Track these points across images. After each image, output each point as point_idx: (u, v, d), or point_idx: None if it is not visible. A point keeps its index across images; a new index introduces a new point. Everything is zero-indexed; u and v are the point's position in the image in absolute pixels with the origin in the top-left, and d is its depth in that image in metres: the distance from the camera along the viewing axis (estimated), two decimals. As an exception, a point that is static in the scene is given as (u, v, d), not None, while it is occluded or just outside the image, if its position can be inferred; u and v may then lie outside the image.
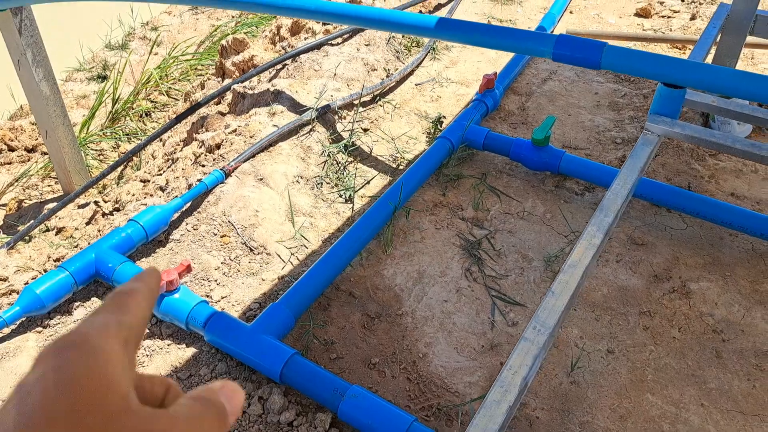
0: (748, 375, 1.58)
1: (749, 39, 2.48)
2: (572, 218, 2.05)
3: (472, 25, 1.98)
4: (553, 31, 3.07)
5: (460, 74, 2.78)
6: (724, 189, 2.13)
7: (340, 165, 2.16)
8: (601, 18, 3.25)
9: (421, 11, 3.15)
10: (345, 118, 2.36)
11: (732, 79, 1.62)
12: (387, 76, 2.64)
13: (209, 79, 3.07)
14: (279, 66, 2.62)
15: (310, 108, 2.26)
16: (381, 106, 2.53)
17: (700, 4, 3.27)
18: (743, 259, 1.87)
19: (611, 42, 3.03)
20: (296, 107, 2.31)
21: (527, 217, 2.06)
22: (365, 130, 2.37)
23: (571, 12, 3.30)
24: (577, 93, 2.66)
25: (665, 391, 1.55)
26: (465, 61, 2.87)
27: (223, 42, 2.95)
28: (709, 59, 2.60)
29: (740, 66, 2.79)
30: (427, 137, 2.41)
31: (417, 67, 2.78)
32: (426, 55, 2.83)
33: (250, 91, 2.44)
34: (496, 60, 2.90)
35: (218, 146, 2.17)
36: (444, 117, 2.47)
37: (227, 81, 2.84)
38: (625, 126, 2.44)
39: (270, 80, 2.51)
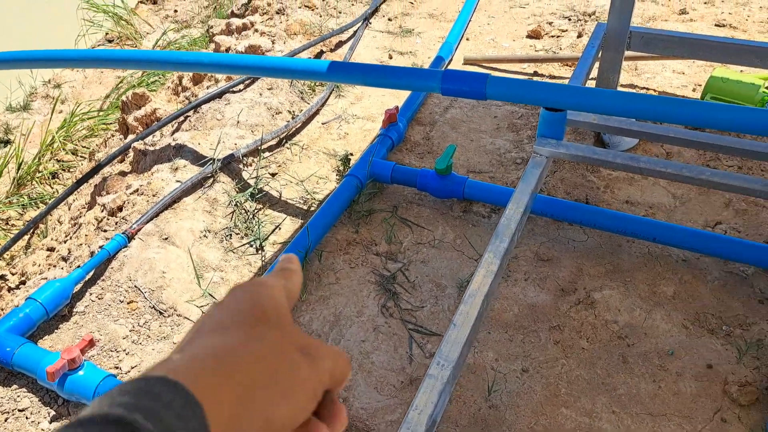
0: (653, 376, 1.66)
1: (628, 53, 2.64)
2: (481, 241, 2.11)
3: (363, 66, 2.03)
4: (451, 59, 3.18)
5: (365, 110, 2.83)
6: (618, 197, 2.25)
7: (248, 213, 2.16)
8: (496, 42, 3.39)
9: (322, 50, 3.19)
10: (250, 165, 2.36)
11: (604, 99, 1.72)
12: (292, 118, 2.66)
13: (113, 136, 3.01)
14: (181, 118, 2.60)
15: (212, 159, 2.25)
16: (288, 148, 2.54)
17: (585, 22, 3.46)
18: (641, 263, 1.97)
19: (507, 65, 3.17)
20: (199, 159, 2.29)
21: (438, 245, 2.11)
22: (273, 175, 2.38)
23: (467, 39, 3.42)
24: (477, 118, 2.75)
25: (578, 402, 1.61)
26: (370, 96, 2.93)
27: (124, 98, 2.91)
28: (596, 72, 2.75)
29: (625, 76, 2.96)
30: (336, 175, 2.44)
31: (322, 106, 2.81)
32: (330, 93, 2.87)
33: (152, 148, 2.41)
34: (400, 93, 2.97)
35: (120, 208, 2.13)
36: (352, 154, 2.51)
37: (130, 137, 2.79)
38: (524, 146, 2.54)
39: (172, 134, 2.48)
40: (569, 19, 3.55)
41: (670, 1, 3.65)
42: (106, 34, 5.16)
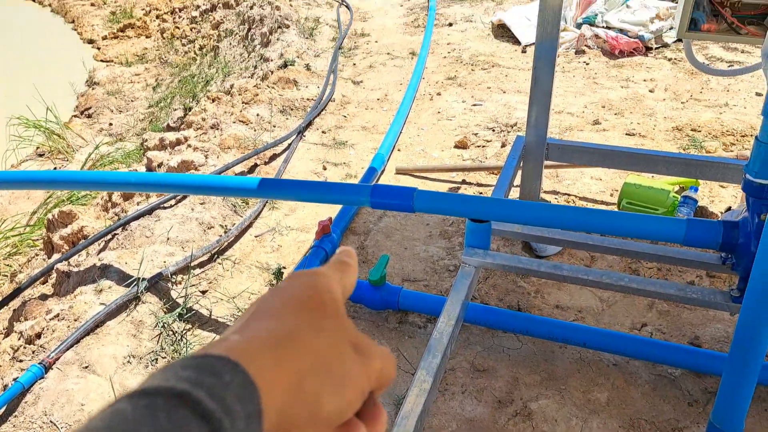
0: (594, 489, 1.63)
1: (548, 162, 2.80)
2: (417, 353, 2.09)
3: (294, 183, 2.07)
4: (384, 169, 3.28)
5: (299, 221, 2.86)
6: (549, 302, 2.30)
7: (176, 335, 2.08)
8: (426, 153, 3.53)
9: (256, 163, 3.24)
10: (180, 283, 2.30)
11: (523, 210, 1.80)
12: (225, 233, 2.65)
13: (37, 255, 2.90)
14: (109, 236, 2.54)
15: (140, 279, 2.19)
16: (220, 263, 2.50)
17: (508, 132, 3.67)
18: (574, 369, 1.99)
19: (437, 174, 3.29)
20: (126, 279, 2.22)
21: (374, 359, 2.07)
22: (203, 293, 2.32)
23: (399, 150, 3.56)
24: (411, 226, 2.81)
25: None
26: (304, 208, 2.96)
27: (50, 216, 2.83)
28: (520, 179, 2.88)
29: (547, 183, 3.12)
30: (269, 290, 2.40)
31: (256, 218, 2.82)
32: (264, 206, 2.89)
33: (76, 269, 2.33)
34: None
35: (38, 336, 2.02)
36: (284, 267, 2.49)
37: (55, 257, 2.70)
38: (456, 252, 2.59)
39: (98, 253, 2.42)
40: (493, 130, 3.76)
41: (584, 113, 3.94)
42: (37, 148, 5.10)
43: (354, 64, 4.92)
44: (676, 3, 4.62)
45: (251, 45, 5.70)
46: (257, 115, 3.66)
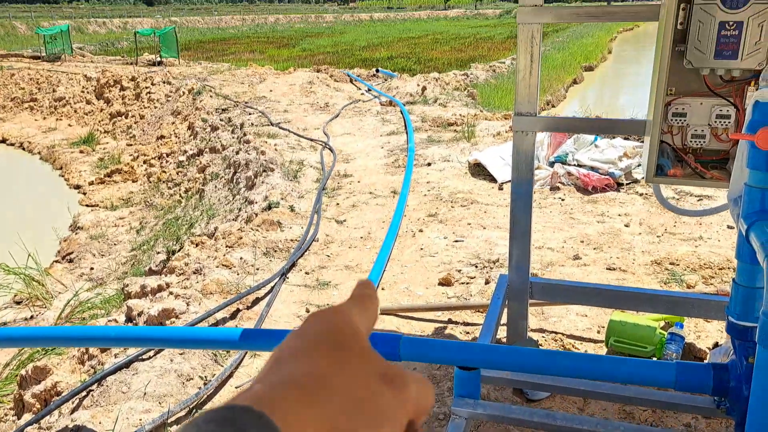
0: None
1: (533, 301, 2.80)
2: None
3: (275, 333, 2.03)
4: (368, 311, 3.25)
5: (282, 368, 2.77)
6: (544, 451, 2.19)
7: (149, 504, 1.93)
8: (410, 291, 3.53)
9: (239, 308, 3.20)
10: (156, 443, 2.18)
11: (513, 357, 1.76)
12: (204, 385, 2.55)
13: (6, 415, 2.75)
14: (84, 393, 2.43)
15: (113, 440, 2.06)
16: (198, 419, 2.38)
17: (491, 269, 3.71)
18: None
19: (422, 313, 3.27)
20: (98, 441, 2.09)
21: None
22: (180, 453, 2.19)
23: (383, 288, 3.55)
24: (397, 370, 2.73)
25: None
26: (286, 353, 2.89)
27: (23, 371, 2.72)
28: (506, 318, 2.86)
29: (534, 321, 3.10)
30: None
31: (237, 368, 2.73)
32: (245, 354, 2.81)
33: None
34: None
35: None
36: (266, 420, 2.38)
37: (26, 417, 2.56)
38: (445, 399, 2.51)
39: (71, 413, 2.30)
40: (476, 267, 3.80)
41: (564, 248, 4.01)
42: (15, 295, 5.02)
43: (337, 204, 5.05)
44: (641, 143, 4.89)
45: (236, 188, 5.86)
46: (240, 258, 3.68)
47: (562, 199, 4.92)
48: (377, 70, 13.93)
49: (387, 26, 39.00)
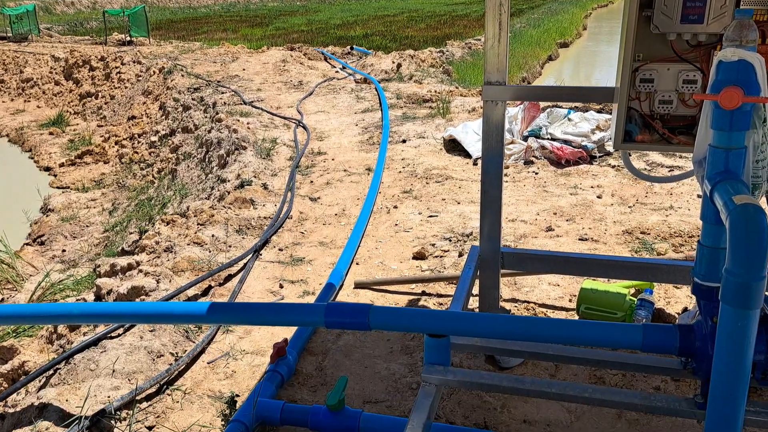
0: None
1: (504, 271, 2.81)
2: (381, 483, 1.95)
3: (244, 306, 2.01)
4: (342, 285, 3.24)
5: (254, 343, 2.75)
6: (516, 417, 2.21)
7: (118, 479, 1.91)
8: (385, 265, 3.52)
9: (210, 285, 3.17)
10: (125, 419, 2.15)
11: (480, 323, 1.77)
12: (175, 361, 2.52)
13: (-30, 396, 2.69)
14: (51, 371, 2.39)
15: (81, 418, 2.03)
16: (169, 395, 2.36)
17: (464, 242, 3.71)
18: (547, 490, 1.88)
19: (396, 287, 3.26)
20: (66, 419, 2.06)
21: (335, 493, 1.93)
22: (150, 429, 2.17)
23: (357, 264, 3.54)
24: (371, 342, 2.74)
25: None
26: (259, 329, 2.86)
27: (-12, 352, 2.67)
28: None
29: (506, 291, 3.11)
30: (222, 421, 2.26)
31: (209, 344, 2.70)
32: (218, 330, 2.79)
33: (12, 410, 2.16)
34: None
35: (-39, 490, 1.82)
36: (238, 395, 2.36)
37: (-10, 396, 2.51)
38: (419, 369, 2.51)
39: (38, 391, 2.26)
40: (450, 240, 3.80)
41: (537, 220, 4.03)
42: (-17, 279, 4.91)
43: (311, 182, 5.01)
44: (613, 114, 4.93)
45: (209, 167, 5.77)
46: (212, 236, 3.63)
47: (536, 173, 4.93)
48: (352, 48, 13.79)
49: (362, 4, 38.56)
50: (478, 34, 18.48)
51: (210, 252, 3.51)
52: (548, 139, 5.25)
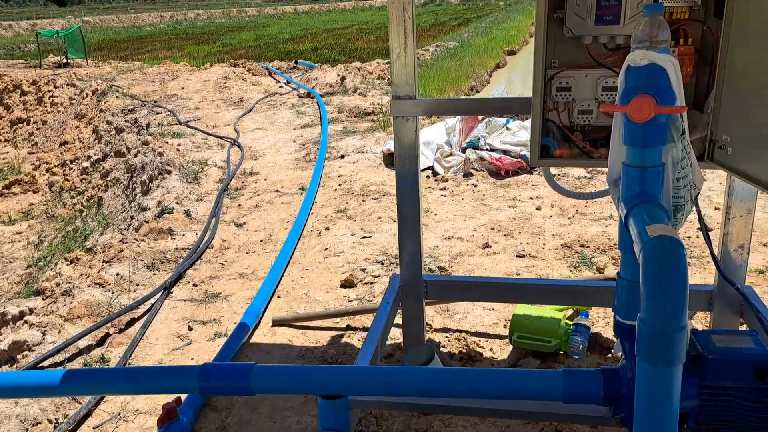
0: None
1: (428, 300, 2.56)
2: None
3: (105, 372, 1.71)
4: (258, 323, 2.95)
5: (150, 401, 2.43)
6: (438, 473, 1.95)
7: None
8: (309, 297, 3.24)
9: (108, 333, 2.83)
10: None
11: (382, 379, 1.51)
12: (54, 429, 2.19)
13: None
14: None
15: None
16: (41, 473, 2.03)
17: (397, 265, 3.46)
18: None
19: (319, 321, 2.98)
20: None
21: None
22: None
23: (279, 297, 3.25)
24: (284, 390, 2.45)
25: None
26: (161, 380, 2.55)
27: None
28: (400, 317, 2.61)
29: (438, 319, 2.87)
30: (101, 501, 1.94)
31: (97, 405, 2.37)
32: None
33: None
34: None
35: None
36: (123, 467, 2.05)
37: None
38: (333, 420, 2.24)
39: None
40: (382, 264, 3.54)
41: (474, 237, 3.81)
42: None
43: (239, 205, 4.70)
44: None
45: (132, 194, 5.41)
46: (117, 274, 3.29)
47: (475, 185, 4.73)
48: (296, 62, 13.53)
49: (312, 18, 38.37)
50: (426, 44, 18.46)
51: (113, 293, 3.17)
52: (487, 149, 5.06)
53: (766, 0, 1.44)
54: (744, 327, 2.27)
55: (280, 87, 10.88)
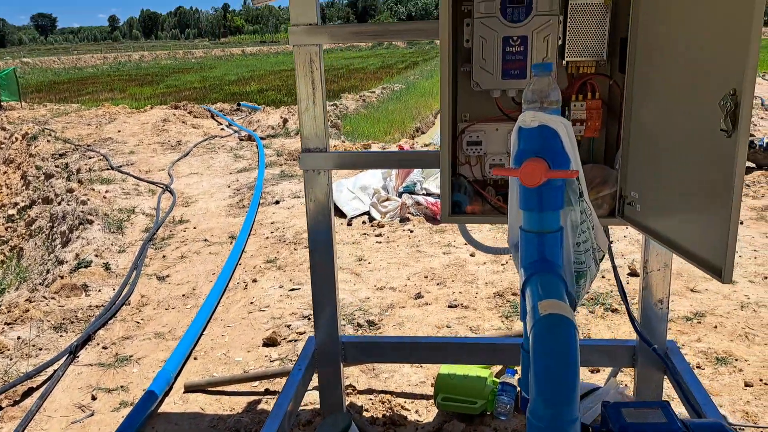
0: None
1: (345, 363, 2.42)
2: None
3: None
4: (170, 389, 2.74)
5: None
6: None
7: None
8: (228, 357, 3.05)
9: (0, 406, 2.57)
10: None
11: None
12: None
13: None
14: None
15: None
16: None
17: (321, 321, 3.31)
18: None
19: (235, 386, 2.79)
20: None
21: None
22: None
23: (195, 358, 3.04)
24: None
25: None
26: (54, 460, 2.31)
27: None
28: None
29: (363, 379, 2.72)
30: None
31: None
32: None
33: None
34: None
35: None
36: None
37: None
38: (240, 502, 2.05)
39: None
40: (308, 319, 3.39)
41: (407, 287, 3.71)
42: None
43: (164, 256, 4.47)
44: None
45: (52, 245, 5.11)
46: (18, 338, 3.03)
47: (411, 231, 4.65)
48: (239, 104, 13.40)
49: (259, 60, 38.47)
50: (373, 86, 18.66)
51: (11, 360, 2.91)
52: (423, 194, 5.01)
53: (668, 58, 1.41)
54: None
55: (222, 129, 10.70)
